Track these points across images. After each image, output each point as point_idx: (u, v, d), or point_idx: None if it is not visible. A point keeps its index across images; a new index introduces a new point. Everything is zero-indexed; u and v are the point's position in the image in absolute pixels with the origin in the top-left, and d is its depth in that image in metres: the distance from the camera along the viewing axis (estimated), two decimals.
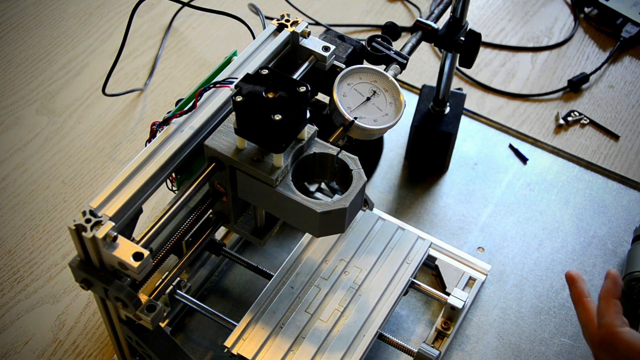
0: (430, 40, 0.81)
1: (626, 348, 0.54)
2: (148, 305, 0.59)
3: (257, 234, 0.69)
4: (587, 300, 0.60)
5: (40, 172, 0.94)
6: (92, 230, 0.54)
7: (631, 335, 0.55)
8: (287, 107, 0.58)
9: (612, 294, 0.58)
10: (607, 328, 0.56)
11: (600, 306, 0.58)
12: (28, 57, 1.08)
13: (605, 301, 0.58)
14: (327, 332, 0.71)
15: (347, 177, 0.62)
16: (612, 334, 0.55)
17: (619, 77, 1.09)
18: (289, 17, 0.72)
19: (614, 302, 0.58)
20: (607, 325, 0.56)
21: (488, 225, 0.90)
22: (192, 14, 1.15)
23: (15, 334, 0.79)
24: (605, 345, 0.56)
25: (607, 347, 0.57)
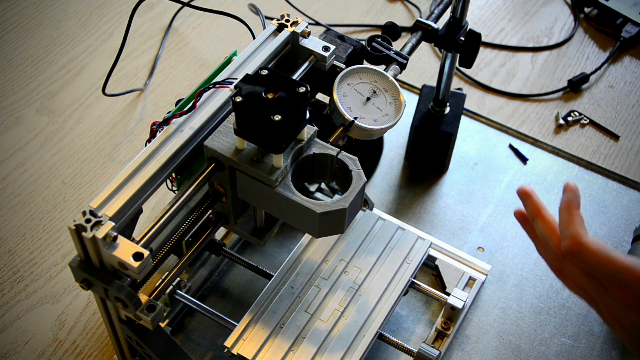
0: (430, 40, 0.81)
1: (594, 258, 0.51)
2: (148, 305, 0.59)
3: (256, 234, 0.69)
4: (547, 214, 0.57)
5: (40, 172, 0.94)
6: (92, 230, 0.54)
7: (599, 245, 0.52)
8: (287, 107, 0.58)
9: (574, 206, 0.55)
10: (573, 239, 0.53)
11: (562, 218, 0.55)
12: (28, 57, 1.08)
13: (568, 213, 0.55)
14: (327, 332, 0.71)
15: (347, 178, 0.62)
16: (579, 245, 0.52)
17: (619, 77, 1.09)
18: (289, 17, 0.72)
19: (577, 213, 0.55)
20: (573, 236, 0.53)
21: (488, 225, 0.90)
22: (192, 14, 1.15)
23: (15, 334, 0.79)
24: (572, 257, 0.53)
25: (573, 259, 0.54)
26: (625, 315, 0.51)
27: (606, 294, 0.52)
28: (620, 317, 0.52)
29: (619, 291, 0.51)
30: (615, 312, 0.52)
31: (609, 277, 0.51)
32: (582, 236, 0.52)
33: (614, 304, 0.52)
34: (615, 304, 0.52)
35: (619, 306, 0.51)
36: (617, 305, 0.52)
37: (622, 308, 0.51)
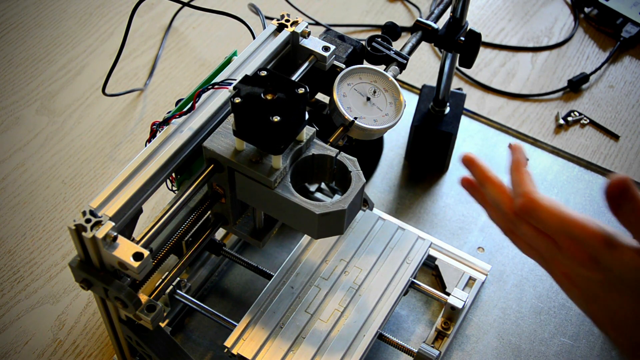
0: (430, 40, 0.81)
1: (547, 213, 0.50)
2: (148, 305, 0.59)
3: (255, 235, 0.69)
4: (495, 176, 0.55)
5: (40, 172, 0.94)
6: (92, 230, 0.54)
7: (551, 201, 0.51)
8: (286, 108, 0.58)
9: (522, 164, 0.54)
10: (526, 196, 0.52)
11: (513, 178, 0.54)
12: (28, 57, 1.08)
13: (517, 172, 0.54)
14: (327, 332, 0.71)
15: (346, 179, 0.62)
16: (532, 201, 0.51)
17: (619, 77, 1.09)
18: (289, 17, 0.72)
19: (526, 171, 0.54)
20: (525, 194, 0.52)
21: (488, 225, 0.90)
22: (192, 14, 1.15)
23: (15, 334, 0.79)
24: (525, 214, 0.52)
25: (526, 216, 0.53)
26: (576, 271, 0.51)
27: (558, 251, 0.52)
28: (572, 274, 0.51)
29: (570, 247, 0.50)
30: (566, 269, 0.51)
31: (561, 232, 0.51)
32: (534, 193, 0.52)
33: (565, 261, 0.51)
34: (566, 261, 0.51)
35: (571, 262, 0.51)
36: (568, 262, 0.51)
37: (573, 264, 0.51)
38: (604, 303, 0.51)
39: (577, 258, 0.50)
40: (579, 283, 0.51)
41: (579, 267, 0.50)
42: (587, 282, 0.51)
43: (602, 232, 0.48)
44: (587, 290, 0.51)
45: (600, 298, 0.51)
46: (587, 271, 0.50)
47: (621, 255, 0.48)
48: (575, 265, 0.51)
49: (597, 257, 0.49)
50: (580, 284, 0.51)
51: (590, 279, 0.50)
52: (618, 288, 0.49)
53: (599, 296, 0.50)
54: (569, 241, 0.50)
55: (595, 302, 0.51)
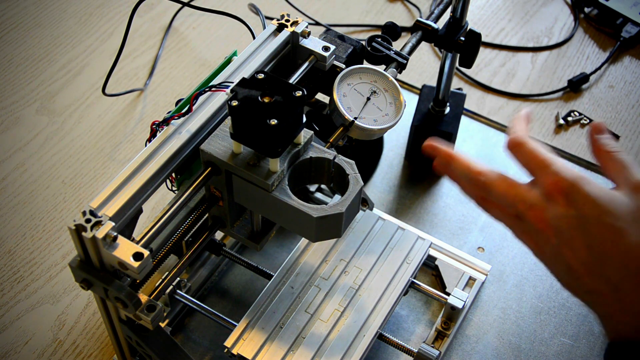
0: (430, 40, 0.81)
1: (587, 202, 0.50)
2: (148, 305, 0.59)
3: (253, 238, 0.69)
4: (458, 153, 0.58)
5: (40, 172, 0.94)
6: (92, 230, 0.54)
7: (597, 188, 0.51)
8: (283, 111, 0.57)
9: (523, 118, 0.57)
10: (570, 174, 0.52)
11: (511, 124, 0.54)
12: (28, 57, 1.08)
13: (516, 120, 0.56)
14: (327, 332, 0.71)
15: (344, 182, 0.62)
16: (577, 180, 0.51)
17: (619, 77, 1.09)
18: (289, 17, 0.71)
19: (524, 118, 0.57)
20: (568, 172, 0.52)
21: (488, 225, 0.90)
22: (192, 14, 1.15)
23: (15, 334, 0.79)
24: (562, 194, 0.51)
25: (513, 151, 0.55)
26: (552, 209, 0.52)
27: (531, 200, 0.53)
28: (547, 214, 0.52)
29: (544, 181, 0.52)
30: (542, 213, 0.52)
31: (542, 168, 0.53)
32: (579, 173, 0.53)
33: (539, 204, 0.52)
34: (540, 203, 0.52)
35: (544, 202, 0.52)
36: (543, 203, 0.52)
37: (547, 204, 0.52)
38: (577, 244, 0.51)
39: (552, 195, 0.52)
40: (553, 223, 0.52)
41: (553, 205, 0.52)
42: (558, 217, 0.52)
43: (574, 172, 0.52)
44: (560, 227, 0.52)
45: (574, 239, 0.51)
46: (561, 207, 0.51)
47: None
48: (549, 204, 0.52)
49: (570, 193, 0.51)
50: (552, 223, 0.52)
51: (565, 216, 0.51)
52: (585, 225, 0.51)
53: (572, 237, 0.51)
54: (548, 177, 0.52)
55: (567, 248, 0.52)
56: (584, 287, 0.52)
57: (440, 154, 0.59)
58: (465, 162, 0.57)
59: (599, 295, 0.51)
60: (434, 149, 0.59)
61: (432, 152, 0.60)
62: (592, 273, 0.51)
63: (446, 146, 0.59)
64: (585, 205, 0.50)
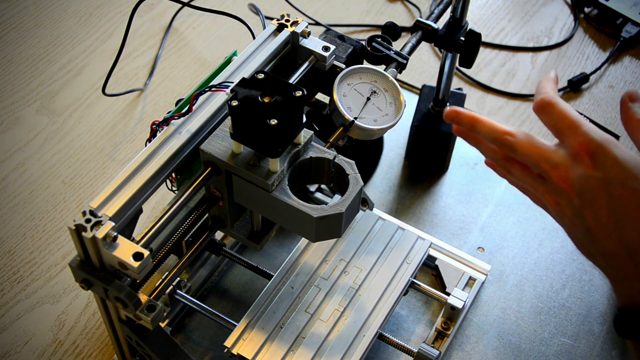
0: (430, 40, 0.81)
1: (614, 165, 0.51)
2: (148, 305, 0.59)
3: (253, 238, 0.69)
4: (482, 116, 0.58)
5: (40, 172, 0.94)
6: (92, 230, 0.54)
7: (625, 152, 0.51)
8: (283, 111, 0.57)
9: (551, 79, 0.57)
10: (599, 136, 0.51)
11: (573, 114, 0.54)
12: (28, 57, 1.08)
13: (545, 80, 0.56)
14: (327, 332, 0.71)
15: (344, 182, 0.62)
16: (605, 143, 0.51)
17: (619, 77, 1.09)
18: (289, 17, 0.71)
19: (553, 80, 0.57)
20: (596, 134, 0.52)
21: (488, 225, 0.90)
22: (192, 14, 1.15)
23: (15, 334, 0.79)
24: (589, 155, 0.51)
25: (540, 113, 0.55)
26: (576, 170, 0.52)
27: (545, 183, 0.53)
28: (572, 174, 0.52)
29: (571, 142, 0.52)
30: (567, 173, 0.52)
31: (569, 128, 0.53)
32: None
33: (565, 164, 0.53)
34: (566, 163, 0.52)
35: (570, 162, 0.52)
36: (568, 163, 0.52)
37: (573, 164, 0.52)
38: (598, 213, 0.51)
39: (579, 155, 0.52)
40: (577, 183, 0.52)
41: (578, 165, 0.52)
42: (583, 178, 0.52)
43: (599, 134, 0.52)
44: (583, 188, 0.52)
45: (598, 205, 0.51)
46: (587, 168, 0.51)
47: None
48: (575, 163, 0.52)
49: (597, 154, 0.51)
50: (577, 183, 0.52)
51: (590, 177, 0.51)
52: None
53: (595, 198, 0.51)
54: (576, 138, 0.52)
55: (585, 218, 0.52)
56: (601, 250, 0.52)
57: (464, 118, 0.59)
58: (491, 123, 0.57)
59: (615, 259, 0.51)
60: (457, 114, 0.59)
61: (455, 117, 0.59)
62: (611, 235, 0.51)
63: (470, 112, 0.59)
64: (611, 168, 0.50)
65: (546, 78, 0.58)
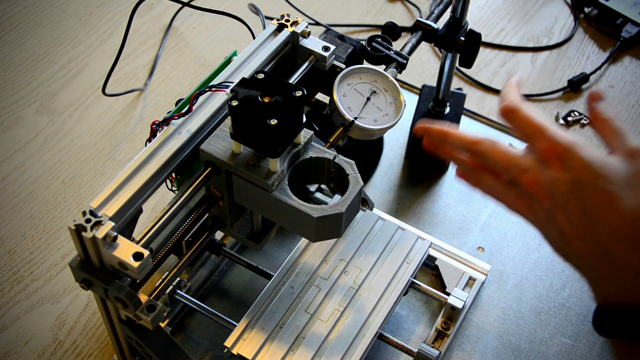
0: (430, 40, 0.81)
1: (582, 166, 0.51)
2: (148, 305, 0.59)
3: (253, 238, 0.69)
4: (450, 129, 0.58)
5: (40, 172, 0.94)
6: (92, 230, 0.54)
7: (592, 153, 0.52)
8: (283, 111, 0.57)
9: (514, 84, 0.58)
10: (566, 139, 0.52)
11: (538, 118, 0.54)
12: (28, 57, 1.08)
13: (508, 86, 0.57)
14: (327, 332, 0.71)
15: (344, 182, 0.62)
16: (572, 145, 0.52)
17: (619, 77, 1.09)
18: (289, 17, 0.72)
19: (516, 85, 0.58)
20: (563, 137, 0.52)
21: (488, 225, 0.90)
22: (192, 14, 1.15)
23: (15, 334, 0.79)
24: (557, 158, 0.52)
25: (507, 118, 0.56)
26: (546, 173, 0.52)
27: (525, 164, 0.54)
28: (541, 178, 0.52)
29: (539, 146, 0.53)
30: (536, 177, 0.53)
31: (535, 132, 0.53)
32: (574, 139, 0.54)
33: (534, 168, 0.53)
34: (535, 167, 0.53)
35: (539, 166, 0.53)
36: (537, 167, 0.53)
37: (542, 168, 0.52)
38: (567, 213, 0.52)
39: (547, 159, 0.52)
40: (546, 186, 0.53)
41: (547, 169, 0.52)
42: (552, 181, 0.52)
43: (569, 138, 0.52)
44: (553, 192, 0.52)
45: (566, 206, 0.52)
46: (556, 171, 0.52)
47: None
48: (543, 168, 0.52)
49: (565, 157, 0.52)
50: (547, 186, 0.53)
51: (559, 180, 0.52)
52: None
53: (566, 201, 0.51)
54: (543, 142, 0.53)
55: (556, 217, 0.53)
56: (576, 251, 0.52)
57: (433, 132, 0.60)
58: (460, 134, 0.58)
59: (590, 259, 0.52)
60: (426, 129, 0.60)
61: (424, 133, 0.60)
62: (584, 237, 0.51)
63: (437, 124, 0.60)
64: (580, 170, 0.51)
65: (509, 84, 0.58)
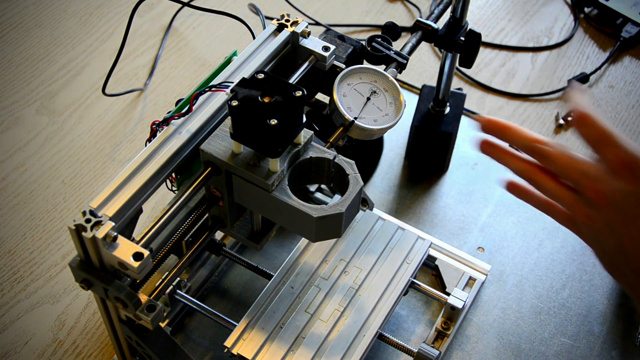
0: (430, 40, 0.81)
1: (596, 124, 0.51)
2: (148, 305, 0.59)
3: (253, 238, 0.69)
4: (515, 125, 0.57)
5: (40, 172, 0.94)
6: (92, 230, 0.54)
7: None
8: (283, 111, 0.57)
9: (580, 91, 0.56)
10: (636, 150, 0.51)
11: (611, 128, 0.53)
12: (28, 57, 1.08)
13: (610, 125, 0.55)
14: (327, 332, 0.71)
15: (344, 182, 0.62)
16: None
17: (619, 77, 1.09)
18: (289, 17, 0.72)
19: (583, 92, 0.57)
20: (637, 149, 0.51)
21: (488, 225, 0.90)
22: (192, 14, 1.15)
23: (15, 334, 0.79)
24: (628, 170, 0.51)
25: (577, 126, 0.54)
26: (614, 184, 0.51)
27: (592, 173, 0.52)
28: (608, 188, 0.51)
29: (610, 156, 0.51)
30: (603, 187, 0.51)
31: (607, 142, 0.52)
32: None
33: (601, 177, 0.51)
34: (603, 177, 0.51)
35: (607, 176, 0.51)
36: (605, 177, 0.51)
37: (611, 178, 0.51)
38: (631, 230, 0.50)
39: (618, 170, 0.50)
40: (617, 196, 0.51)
41: (617, 179, 0.50)
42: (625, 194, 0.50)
43: None
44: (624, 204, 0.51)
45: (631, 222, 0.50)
46: (626, 183, 0.50)
47: None
48: (613, 178, 0.51)
49: (638, 170, 0.50)
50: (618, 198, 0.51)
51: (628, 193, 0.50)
52: None
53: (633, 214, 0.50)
54: (610, 150, 0.51)
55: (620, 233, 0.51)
56: (631, 266, 0.51)
57: (496, 125, 0.58)
58: (525, 130, 0.56)
59: None
60: (489, 122, 0.58)
61: (489, 125, 0.59)
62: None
63: (501, 121, 0.58)
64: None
65: (576, 90, 0.56)
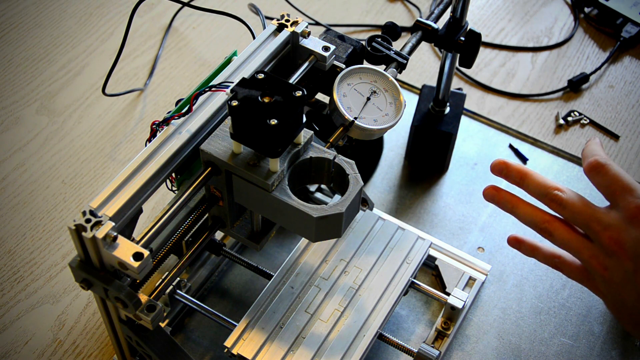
0: (430, 40, 0.81)
1: (614, 174, 0.51)
2: (148, 305, 0.59)
3: (253, 238, 0.69)
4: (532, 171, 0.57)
5: (40, 172, 0.94)
6: (92, 230, 0.54)
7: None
8: (283, 111, 0.57)
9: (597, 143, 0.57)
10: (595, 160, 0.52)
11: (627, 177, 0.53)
12: (28, 57, 1.08)
13: (593, 143, 0.56)
14: (327, 332, 0.71)
15: (344, 182, 0.62)
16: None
17: (619, 77, 1.09)
18: (289, 17, 0.72)
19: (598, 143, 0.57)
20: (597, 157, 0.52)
21: (488, 225, 0.90)
22: (192, 14, 1.15)
23: (15, 334, 0.79)
24: (592, 172, 0.52)
25: (594, 174, 0.54)
26: (631, 232, 0.50)
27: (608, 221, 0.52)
28: (625, 237, 0.51)
29: (626, 204, 0.51)
30: (620, 235, 0.51)
31: (623, 191, 0.52)
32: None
33: (618, 226, 0.51)
34: (619, 225, 0.51)
35: (624, 224, 0.51)
36: (622, 225, 0.51)
37: (628, 227, 0.51)
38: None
39: (635, 218, 0.50)
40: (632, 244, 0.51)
41: (633, 228, 0.50)
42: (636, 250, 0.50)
43: None
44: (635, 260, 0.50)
45: None
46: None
47: None
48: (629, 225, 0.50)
49: None
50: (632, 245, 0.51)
51: None
52: None
53: None
54: (632, 201, 0.51)
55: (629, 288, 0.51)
56: None
57: (513, 170, 0.58)
58: (541, 177, 0.56)
59: None
60: (507, 166, 0.58)
61: (503, 169, 0.58)
62: None
63: (518, 163, 0.58)
64: None
65: (594, 141, 0.57)
